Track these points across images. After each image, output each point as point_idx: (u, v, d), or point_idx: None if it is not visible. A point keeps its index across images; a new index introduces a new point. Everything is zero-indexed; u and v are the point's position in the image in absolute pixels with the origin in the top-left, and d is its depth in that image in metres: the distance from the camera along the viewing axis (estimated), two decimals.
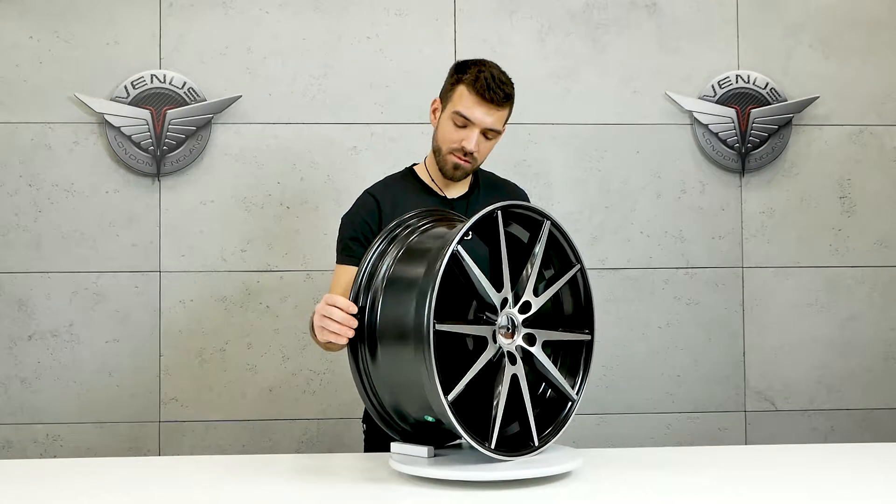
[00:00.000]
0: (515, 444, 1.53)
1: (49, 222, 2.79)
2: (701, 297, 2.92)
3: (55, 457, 2.76)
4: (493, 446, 1.45)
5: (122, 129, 2.79)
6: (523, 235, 1.62)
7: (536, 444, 1.50)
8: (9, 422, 2.77)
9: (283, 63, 2.86)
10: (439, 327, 1.39)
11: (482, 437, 1.46)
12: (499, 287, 1.50)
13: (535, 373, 1.58)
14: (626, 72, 2.93)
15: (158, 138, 2.80)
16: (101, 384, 2.79)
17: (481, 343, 1.49)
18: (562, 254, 1.61)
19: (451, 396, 1.40)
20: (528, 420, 1.52)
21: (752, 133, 2.92)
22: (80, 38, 2.81)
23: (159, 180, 2.82)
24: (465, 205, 2.01)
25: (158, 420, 2.81)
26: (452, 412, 1.38)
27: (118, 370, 2.80)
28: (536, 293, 1.56)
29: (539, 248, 1.52)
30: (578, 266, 1.58)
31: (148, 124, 2.79)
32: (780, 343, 2.94)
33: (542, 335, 1.53)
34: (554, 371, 1.54)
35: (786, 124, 2.93)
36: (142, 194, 2.82)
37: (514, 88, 1.94)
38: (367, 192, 2.09)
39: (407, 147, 2.87)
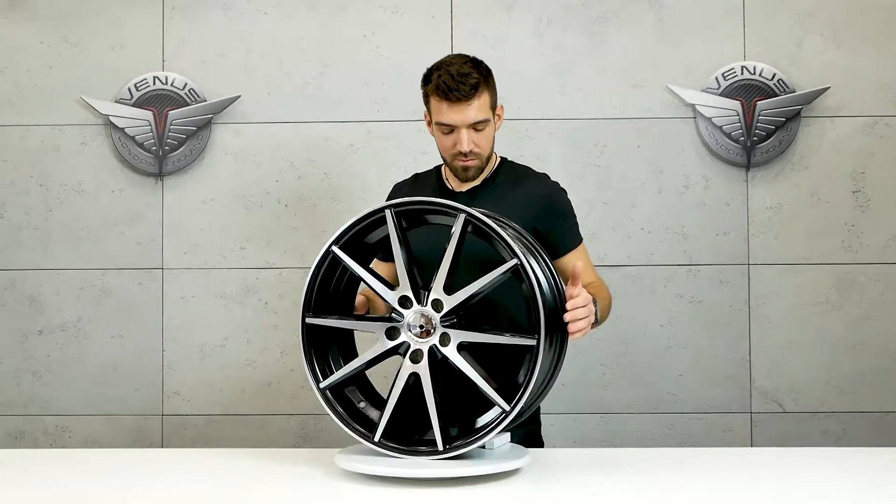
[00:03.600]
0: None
1: (58, 221, 2.89)
2: (704, 294, 2.85)
3: (64, 447, 2.86)
4: (376, 439, 1.51)
5: (125, 130, 2.86)
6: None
7: (440, 448, 1.47)
8: (21, 413, 2.88)
9: (281, 63, 2.89)
10: (310, 321, 1.53)
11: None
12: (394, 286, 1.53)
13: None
14: (625, 65, 2.87)
15: (160, 138, 2.86)
16: (107, 378, 2.88)
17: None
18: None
19: (324, 384, 1.56)
20: (433, 421, 1.50)
21: (759, 126, 2.83)
22: (87, 42, 2.90)
23: (162, 180, 2.89)
24: (468, 197, 2.01)
25: (161, 413, 2.88)
26: (326, 400, 1.53)
27: (123, 364, 2.88)
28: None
29: (451, 244, 1.50)
30: (515, 261, 1.47)
31: (150, 125, 2.87)
32: (788, 343, 2.84)
33: (458, 336, 1.50)
34: (473, 375, 1.48)
35: (794, 116, 2.83)
36: (145, 193, 2.89)
37: (482, 73, 1.91)
38: (394, 185, 2.21)
39: (402, 144, 2.87)
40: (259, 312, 2.88)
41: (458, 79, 1.87)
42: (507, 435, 1.62)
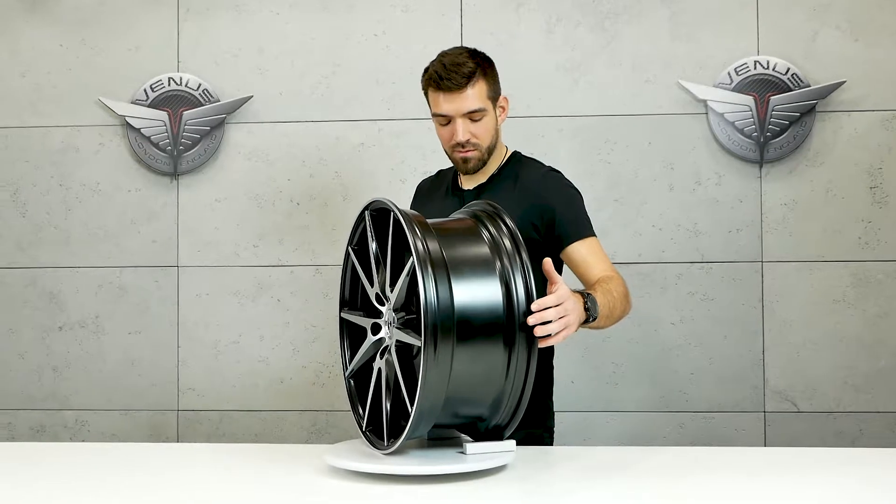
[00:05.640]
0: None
1: (77, 220, 2.96)
2: (717, 292, 2.82)
3: (83, 441, 2.93)
4: (363, 428, 1.57)
5: (142, 130, 2.92)
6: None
7: (386, 444, 1.49)
8: (42, 407, 2.96)
9: (293, 63, 2.93)
10: (343, 315, 1.62)
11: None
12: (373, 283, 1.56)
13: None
14: (636, 61, 2.85)
15: (175, 138, 2.92)
16: (124, 374, 2.94)
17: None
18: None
19: (348, 373, 1.62)
20: (383, 416, 1.52)
21: (772, 121, 2.79)
22: (104, 44, 2.96)
23: (177, 179, 2.94)
24: (473, 195, 2.02)
25: (177, 409, 2.93)
26: (350, 388, 1.59)
27: (139, 360, 2.94)
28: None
29: (389, 241, 1.50)
30: (412, 260, 1.42)
31: (165, 125, 2.92)
32: (803, 341, 2.79)
33: (395, 335, 1.50)
34: (399, 375, 1.48)
35: (809, 111, 2.78)
36: (161, 193, 2.95)
37: (478, 63, 1.91)
38: (419, 183, 2.23)
39: (413, 142, 2.89)
40: (272, 309, 2.92)
41: (450, 68, 1.87)
42: (509, 443, 1.59)
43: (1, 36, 2.99)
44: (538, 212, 1.91)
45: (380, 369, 1.53)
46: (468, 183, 2.03)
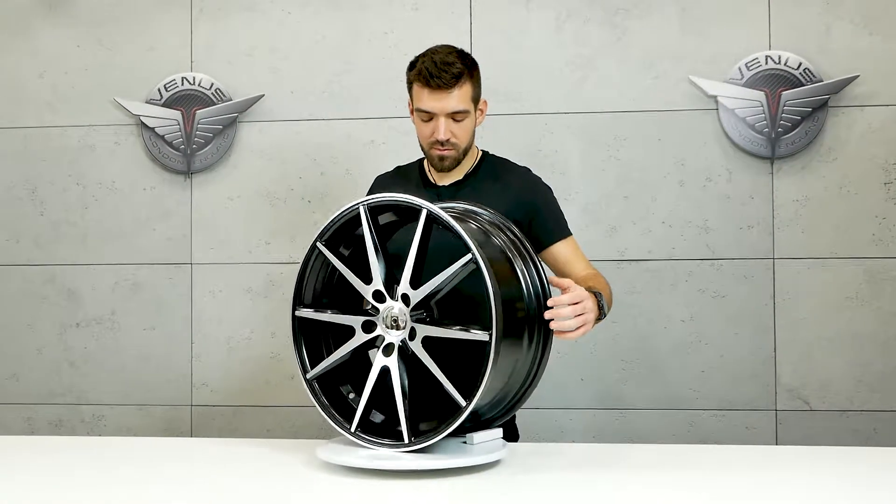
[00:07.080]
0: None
1: (93, 218, 3.01)
2: (728, 289, 2.80)
3: (100, 435, 2.98)
4: (352, 429, 1.54)
5: (156, 129, 2.97)
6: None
7: (406, 440, 1.48)
8: (60, 402, 3.02)
9: (304, 62, 2.95)
10: (298, 313, 1.60)
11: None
12: (368, 280, 1.54)
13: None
14: (646, 57, 2.84)
15: (189, 137, 2.96)
16: (140, 369, 2.99)
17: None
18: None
19: (310, 375, 1.58)
20: (400, 413, 1.51)
21: (784, 117, 2.76)
22: (120, 44, 3.01)
23: (190, 177, 2.98)
24: (451, 191, 2.03)
25: (190, 404, 2.98)
26: (312, 391, 1.56)
27: (154, 356, 2.99)
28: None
29: (415, 239, 1.50)
30: (470, 256, 1.44)
31: (179, 124, 2.96)
32: (816, 339, 2.76)
33: (423, 330, 1.50)
34: (435, 370, 1.47)
35: (821, 106, 2.75)
36: (175, 191, 2.99)
37: (466, 64, 1.92)
38: (376, 178, 2.23)
39: None
40: (283, 306, 2.95)
41: (440, 66, 1.89)
42: (497, 431, 1.61)
43: (20, 37, 3.05)
44: (523, 210, 1.94)
45: (384, 367, 1.53)
46: (443, 179, 2.05)
